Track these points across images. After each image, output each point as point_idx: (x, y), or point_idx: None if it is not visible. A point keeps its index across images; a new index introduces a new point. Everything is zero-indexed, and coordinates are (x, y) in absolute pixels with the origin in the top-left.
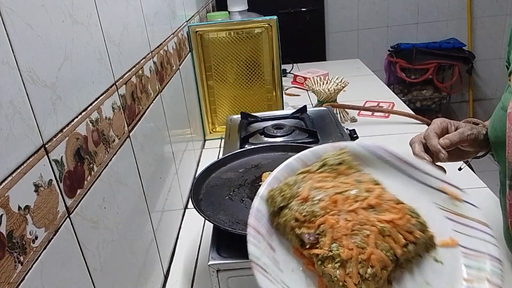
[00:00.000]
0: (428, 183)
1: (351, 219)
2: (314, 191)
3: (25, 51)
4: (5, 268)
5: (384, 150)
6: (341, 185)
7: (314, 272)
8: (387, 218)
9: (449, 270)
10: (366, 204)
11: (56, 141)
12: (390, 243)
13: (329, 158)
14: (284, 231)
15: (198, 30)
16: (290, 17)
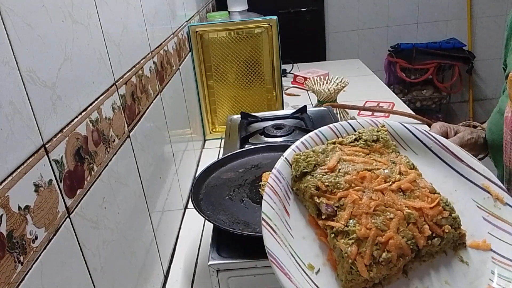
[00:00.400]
0: (470, 178)
1: (376, 199)
2: (342, 163)
3: (25, 51)
4: (5, 268)
5: (428, 135)
6: (373, 162)
7: (326, 244)
8: (417, 205)
9: (474, 274)
10: (396, 186)
11: (56, 141)
12: (414, 231)
13: (365, 132)
14: (303, 197)
15: (198, 30)
16: (290, 17)
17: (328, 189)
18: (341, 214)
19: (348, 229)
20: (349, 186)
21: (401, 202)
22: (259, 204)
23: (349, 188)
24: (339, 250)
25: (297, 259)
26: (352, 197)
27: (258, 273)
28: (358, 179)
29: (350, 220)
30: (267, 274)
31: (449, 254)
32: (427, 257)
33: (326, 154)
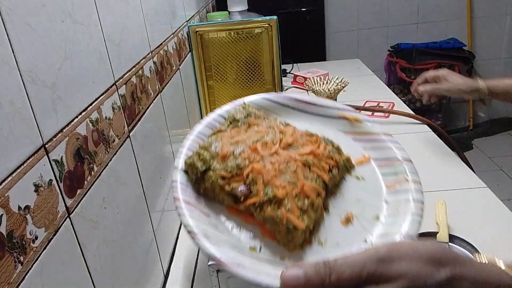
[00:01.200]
0: (329, 114)
1: (276, 161)
2: (232, 146)
3: (25, 51)
4: (5, 268)
5: (285, 97)
6: (256, 134)
7: (254, 224)
8: (307, 150)
9: (372, 183)
10: (284, 144)
11: (56, 141)
12: (317, 172)
13: (235, 113)
14: (213, 193)
15: (198, 30)
16: (290, 17)
17: (232, 173)
18: (255, 188)
19: (269, 196)
20: (249, 162)
21: (294, 154)
22: None
23: (249, 163)
24: (271, 218)
25: (239, 249)
26: (257, 168)
27: None
28: (252, 152)
29: (265, 189)
30: None
31: (347, 179)
32: (334, 189)
33: (214, 145)
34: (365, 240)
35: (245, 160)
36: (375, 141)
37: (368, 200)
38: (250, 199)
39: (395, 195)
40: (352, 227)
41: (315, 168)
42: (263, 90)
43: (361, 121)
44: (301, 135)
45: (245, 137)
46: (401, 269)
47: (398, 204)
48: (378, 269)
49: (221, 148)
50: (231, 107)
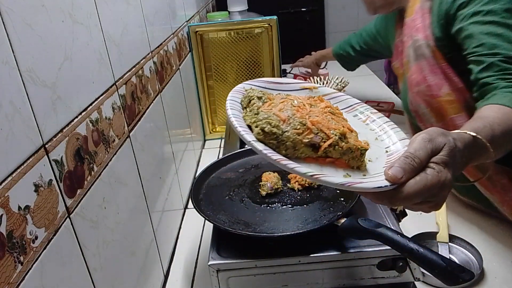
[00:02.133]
0: (295, 88)
1: (316, 115)
2: (280, 111)
3: (25, 51)
4: (5, 268)
5: (262, 81)
6: (284, 103)
7: (330, 163)
8: (324, 105)
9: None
10: (308, 104)
11: (56, 141)
12: (340, 116)
13: (252, 95)
14: (294, 150)
15: (198, 30)
16: (290, 17)
17: (302, 129)
18: (323, 134)
19: (337, 135)
20: (305, 119)
21: (319, 109)
22: (259, 204)
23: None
24: (348, 149)
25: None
26: (315, 121)
27: (258, 273)
28: (299, 113)
29: (331, 131)
30: (267, 274)
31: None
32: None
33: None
34: (386, 150)
35: (302, 118)
36: (333, 98)
37: (362, 132)
38: (325, 143)
39: (372, 124)
40: (373, 147)
41: (338, 114)
42: None
43: (316, 87)
44: (307, 98)
45: (280, 105)
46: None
47: (379, 128)
48: (433, 145)
49: (278, 115)
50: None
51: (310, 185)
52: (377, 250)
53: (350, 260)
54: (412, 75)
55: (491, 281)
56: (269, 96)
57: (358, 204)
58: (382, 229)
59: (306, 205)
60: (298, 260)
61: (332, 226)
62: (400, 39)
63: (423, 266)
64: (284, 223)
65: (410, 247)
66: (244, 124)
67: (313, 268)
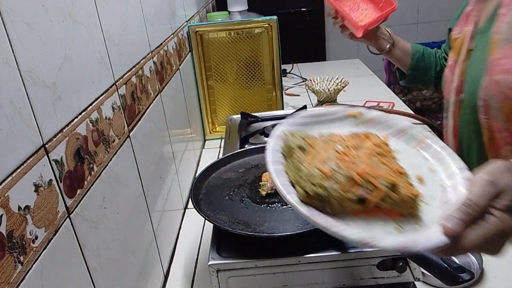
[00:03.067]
0: (338, 117)
1: (362, 160)
2: (324, 164)
3: (25, 51)
4: (5, 268)
5: (302, 117)
6: (326, 149)
7: (382, 215)
8: (370, 144)
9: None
10: (353, 146)
11: (56, 141)
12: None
13: (293, 144)
14: (341, 207)
15: (198, 30)
16: (290, 17)
17: (348, 184)
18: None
19: (387, 185)
20: (350, 168)
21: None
22: (259, 204)
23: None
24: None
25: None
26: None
27: (258, 273)
28: (342, 161)
29: (379, 181)
30: (267, 274)
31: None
32: None
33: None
34: (442, 186)
35: (347, 168)
36: (381, 123)
37: (415, 162)
38: (374, 195)
39: (425, 151)
40: (427, 183)
41: (387, 153)
42: (263, 90)
43: (362, 113)
44: (352, 137)
45: (324, 154)
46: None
47: (434, 154)
48: (496, 188)
49: (318, 169)
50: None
51: None
52: (377, 250)
53: (350, 260)
54: (500, 58)
55: (491, 281)
56: (311, 141)
57: None
58: None
59: None
60: (298, 260)
61: None
62: (472, 8)
63: (423, 266)
64: (284, 223)
65: None
66: (286, 181)
67: (313, 268)
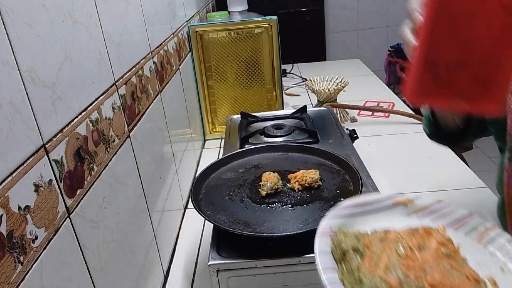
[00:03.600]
0: (386, 205)
1: (431, 265)
2: (388, 274)
3: (25, 51)
4: (5, 268)
5: (347, 208)
6: (386, 252)
7: None
8: (435, 243)
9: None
10: (416, 247)
11: (56, 141)
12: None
13: (346, 246)
14: None
15: (198, 30)
16: (290, 17)
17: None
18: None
19: None
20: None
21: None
22: (259, 204)
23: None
24: None
25: None
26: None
27: (258, 273)
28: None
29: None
30: (267, 274)
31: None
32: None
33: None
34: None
35: (416, 279)
36: (434, 211)
37: (483, 261)
38: None
39: (491, 244)
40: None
41: (454, 255)
42: (263, 90)
43: (412, 200)
44: (411, 234)
45: (385, 258)
46: None
47: (502, 249)
48: None
49: (383, 279)
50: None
51: (310, 185)
52: None
53: None
54: None
55: None
56: (366, 241)
57: None
58: None
59: (306, 205)
60: (298, 260)
61: None
62: None
63: None
64: (284, 223)
65: None
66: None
67: (313, 268)
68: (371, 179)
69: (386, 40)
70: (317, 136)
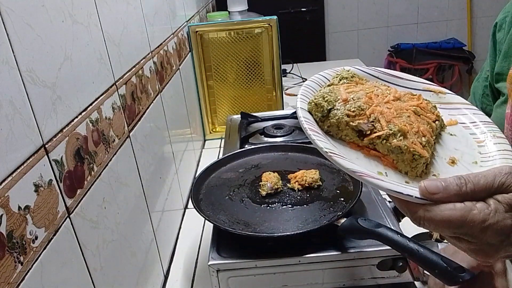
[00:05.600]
0: (416, 87)
1: (391, 107)
2: (350, 94)
3: (25, 51)
4: (5, 268)
5: (375, 70)
6: (366, 89)
7: (375, 156)
8: (414, 103)
9: (463, 139)
10: (393, 97)
11: (56, 141)
12: (426, 119)
13: (342, 74)
14: (337, 129)
15: (198, 30)
16: (290, 17)
17: (356, 113)
18: (379, 125)
19: (393, 131)
20: (368, 106)
21: (404, 105)
22: (259, 204)
23: (369, 107)
24: (397, 148)
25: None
26: (378, 109)
27: (258, 273)
28: (369, 100)
29: (389, 125)
30: (267, 274)
31: (441, 134)
32: (436, 138)
33: (334, 93)
34: (469, 171)
35: (365, 104)
36: (458, 109)
37: (464, 150)
38: (375, 133)
39: (486, 147)
40: (457, 167)
41: (424, 117)
42: (263, 90)
43: (444, 93)
44: (404, 94)
45: (358, 89)
46: None
47: (493, 152)
48: (507, 180)
49: (341, 94)
50: (332, 71)
51: (310, 185)
52: (377, 250)
53: (350, 260)
54: None
55: None
56: (359, 80)
57: (358, 204)
58: (382, 229)
59: (306, 205)
60: (298, 260)
61: (332, 226)
62: None
63: (423, 266)
64: (284, 223)
65: (410, 247)
66: (308, 94)
67: (313, 268)
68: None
69: (386, 40)
70: None
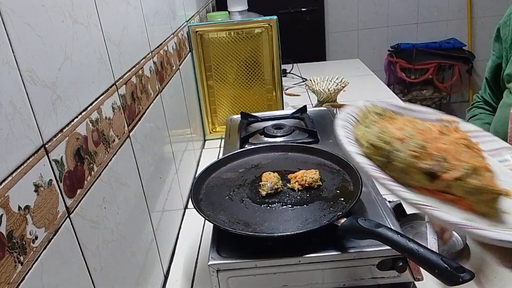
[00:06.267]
0: (428, 118)
1: (445, 142)
2: (399, 131)
3: (25, 51)
4: (5, 268)
5: (391, 104)
6: (406, 124)
7: (450, 201)
8: (459, 135)
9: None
10: (437, 130)
11: (56, 141)
12: (476, 152)
13: (372, 109)
14: (403, 174)
15: (198, 30)
16: (290, 17)
17: (420, 153)
18: (448, 164)
19: (467, 169)
20: (426, 143)
21: (451, 139)
22: (259, 204)
23: (427, 144)
24: (475, 189)
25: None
26: (442, 147)
27: (258, 273)
28: (422, 136)
29: (461, 163)
30: (267, 274)
31: None
32: None
33: (385, 131)
34: None
35: (423, 142)
36: (475, 137)
37: (505, 179)
38: (447, 174)
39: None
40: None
41: (474, 149)
42: (263, 90)
43: (457, 121)
44: (441, 126)
45: (401, 125)
46: None
47: None
48: None
49: (393, 132)
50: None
51: (310, 185)
52: (377, 250)
53: (350, 260)
54: None
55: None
56: (391, 115)
57: (358, 204)
58: (382, 229)
59: (306, 205)
60: (298, 260)
61: (332, 226)
62: None
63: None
64: (284, 223)
65: (410, 247)
66: (351, 136)
67: (313, 268)
68: (371, 179)
69: (386, 40)
70: (317, 136)
